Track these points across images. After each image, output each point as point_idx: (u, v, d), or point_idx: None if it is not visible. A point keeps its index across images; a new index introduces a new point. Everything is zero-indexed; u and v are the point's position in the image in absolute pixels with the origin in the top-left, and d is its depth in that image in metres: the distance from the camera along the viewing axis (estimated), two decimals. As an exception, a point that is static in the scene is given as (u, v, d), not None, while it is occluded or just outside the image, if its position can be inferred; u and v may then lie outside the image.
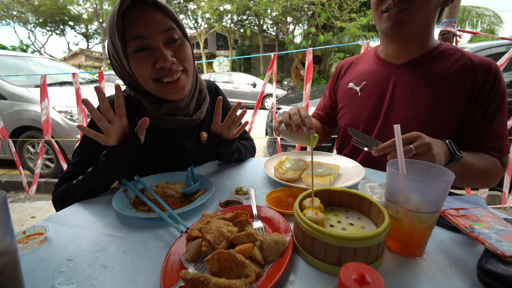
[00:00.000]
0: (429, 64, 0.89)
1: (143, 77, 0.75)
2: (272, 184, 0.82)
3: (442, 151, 0.70)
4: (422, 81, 0.88)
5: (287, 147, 3.05)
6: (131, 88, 0.82)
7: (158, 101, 0.82)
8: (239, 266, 0.42)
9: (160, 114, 0.83)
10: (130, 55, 0.73)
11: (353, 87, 1.05)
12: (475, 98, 0.83)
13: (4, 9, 17.97)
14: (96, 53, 21.07)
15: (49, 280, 0.46)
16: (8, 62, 3.84)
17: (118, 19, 0.68)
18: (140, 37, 0.71)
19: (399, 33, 0.87)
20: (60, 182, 0.82)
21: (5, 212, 0.40)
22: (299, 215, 0.49)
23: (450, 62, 0.87)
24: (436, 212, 0.47)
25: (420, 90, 0.88)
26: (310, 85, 2.24)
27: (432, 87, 0.87)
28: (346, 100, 1.08)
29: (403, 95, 0.91)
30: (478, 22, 10.82)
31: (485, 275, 0.42)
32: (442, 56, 0.89)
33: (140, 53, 0.72)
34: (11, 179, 3.31)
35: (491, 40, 2.97)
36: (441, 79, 0.86)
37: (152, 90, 0.79)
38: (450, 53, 0.89)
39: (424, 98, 0.87)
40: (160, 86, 0.77)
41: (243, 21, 15.50)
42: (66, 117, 3.10)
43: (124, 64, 0.75)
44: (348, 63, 1.14)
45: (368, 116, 0.99)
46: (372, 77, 1.00)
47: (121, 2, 0.68)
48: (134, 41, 0.71)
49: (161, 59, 0.72)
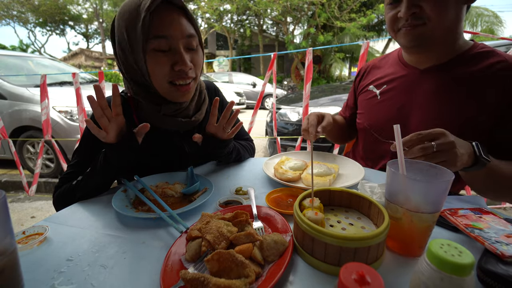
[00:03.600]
0: (459, 68, 0.83)
1: (159, 76, 0.76)
2: (272, 184, 0.82)
3: (466, 153, 0.64)
4: (449, 86, 0.83)
5: (287, 147, 3.05)
6: (136, 85, 0.80)
7: (159, 102, 0.82)
8: (239, 266, 0.42)
9: (160, 115, 0.83)
10: (149, 53, 0.73)
11: (373, 89, 1.01)
12: (507, 106, 0.76)
13: (4, 9, 17.97)
14: (96, 53, 21.06)
15: (48, 280, 0.46)
16: (8, 62, 3.84)
17: (146, 15, 0.68)
18: (164, 37, 0.72)
19: (421, 46, 0.83)
20: (60, 183, 0.82)
21: (5, 212, 0.40)
22: (299, 215, 0.49)
23: (484, 64, 0.80)
24: (436, 212, 0.47)
25: (445, 96, 0.83)
26: (310, 85, 2.24)
27: (460, 92, 0.81)
28: (364, 103, 1.04)
29: (427, 102, 0.86)
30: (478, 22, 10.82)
31: (485, 275, 0.42)
32: (475, 58, 0.82)
33: (161, 53, 0.73)
34: (11, 179, 3.31)
35: (491, 40, 2.97)
36: (472, 84, 0.80)
37: (162, 90, 0.79)
38: (484, 55, 0.82)
39: (449, 104, 0.82)
40: (173, 87, 0.78)
41: (243, 21, 15.50)
42: (66, 117, 3.10)
43: (138, 60, 0.74)
44: (371, 65, 1.10)
45: (387, 121, 0.93)
46: (394, 80, 0.95)
47: (151, 1, 0.68)
48: (156, 40, 0.71)
49: (181, 62, 0.74)
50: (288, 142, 3.04)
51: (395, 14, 0.81)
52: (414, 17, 0.78)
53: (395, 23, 0.83)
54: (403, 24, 0.81)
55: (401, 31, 0.83)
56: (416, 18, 0.78)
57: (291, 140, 2.99)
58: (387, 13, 0.86)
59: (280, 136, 2.72)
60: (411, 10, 0.77)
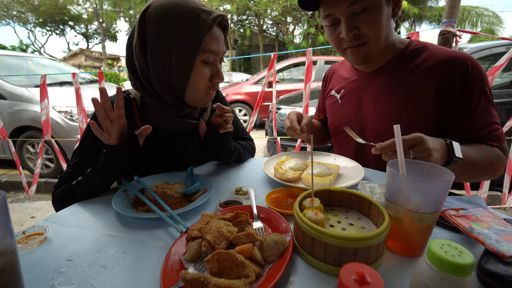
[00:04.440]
0: (397, 68, 0.92)
1: (200, 86, 0.80)
2: (272, 184, 0.82)
3: (440, 155, 0.70)
4: (391, 86, 0.91)
5: (287, 147, 3.05)
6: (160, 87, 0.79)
7: (180, 105, 0.84)
8: (239, 266, 0.42)
9: (168, 116, 0.84)
10: (197, 64, 0.76)
11: (334, 94, 1.11)
12: (447, 95, 0.83)
13: (4, 9, 17.97)
14: (96, 53, 21.06)
15: (48, 280, 0.46)
16: (8, 62, 3.84)
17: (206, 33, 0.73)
18: (213, 52, 0.77)
19: (366, 63, 0.93)
20: (60, 183, 0.82)
21: (5, 212, 0.40)
22: (299, 215, 0.49)
23: (417, 62, 0.89)
24: (436, 212, 0.47)
25: (390, 95, 0.91)
26: (310, 85, 2.25)
27: (401, 88, 0.89)
28: (329, 107, 1.14)
29: (375, 101, 0.95)
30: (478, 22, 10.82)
31: (485, 275, 0.42)
32: (410, 56, 0.91)
33: (206, 65, 0.78)
34: (11, 179, 3.31)
35: (491, 40, 2.97)
36: (408, 81, 0.88)
37: (196, 97, 0.83)
38: (418, 52, 0.90)
39: (395, 102, 0.90)
40: (206, 95, 0.84)
41: (243, 21, 15.50)
42: (66, 117, 3.10)
43: (185, 66, 0.75)
44: (332, 71, 1.20)
45: (348, 122, 1.02)
46: (349, 84, 1.05)
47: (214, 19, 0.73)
48: (207, 53, 0.76)
49: (219, 76, 0.82)
50: (288, 142, 3.04)
51: (338, 35, 0.87)
52: (355, 37, 0.84)
53: (340, 43, 0.89)
54: (347, 44, 0.87)
55: (347, 51, 0.89)
56: (357, 38, 0.85)
57: (291, 140, 2.99)
58: (329, 35, 0.91)
59: (280, 136, 2.72)
60: (351, 31, 0.83)
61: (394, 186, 0.50)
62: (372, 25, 0.82)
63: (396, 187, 0.49)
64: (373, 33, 0.83)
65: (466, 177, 0.86)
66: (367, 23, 0.82)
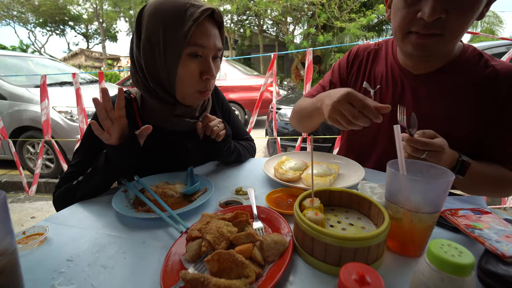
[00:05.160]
0: (450, 75, 0.81)
1: (187, 82, 0.79)
2: (272, 185, 0.82)
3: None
4: (440, 94, 0.81)
5: (287, 147, 3.05)
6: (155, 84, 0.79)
7: (174, 103, 0.83)
8: (239, 267, 0.42)
9: (167, 116, 0.84)
10: (183, 57, 0.75)
11: (367, 87, 0.94)
12: (498, 112, 0.76)
13: (4, 9, 17.97)
14: (96, 53, 21.05)
15: (48, 280, 0.46)
16: (8, 62, 3.84)
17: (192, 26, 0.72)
18: (201, 46, 0.75)
19: (425, 57, 0.77)
20: (61, 183, 0.82)
21: (5, 213, 0.40)
22: (299, 216, 0.49)
23: (473, 72, 0.79)
24: (436, 212, 0.47)
25: (437, 103, 0.82)
26: (310, 85, 2.24)
27: (450, 99, 0.80)
28: None
29: (419, 107, 0.84)
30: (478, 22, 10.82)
31: (485, 275, 0.42)
32: (465, 65, 0.80)
33: (193, 59, 0.77)
34: (11, 179, 3.31)
35: (491, 40, 2.97)
36: (461, 91, 0.79)
37: (184, 94, 0.81)
38: (474, 61, 0.80)
39: (440, 111, 0.81)
40: (197, 93, 0.82)
41: (243, 21, 15.49)
42: (66, 117, 3.10)
43: (171, 61, 0.75)
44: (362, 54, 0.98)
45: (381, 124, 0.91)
46: (388, 82, 0.90)
47: (202, 12, 0.72)
48: (193, 46, 0.75)
49: (209, 72, 0.79)
50: (288, 142, 3.04)
51: (414, 12, 0.68)
52: (435, 24, 0.67)
53: (410, 23, 0.70)
54: (419, 29, 0.69)
55: (411, 38, 0.72)
56: (436, 25, 0.67)
57: (291, 140, 2.99)
58: (401, 7, 0.71)
59: (280, 136, 2.72)
60: (437, 14, 0.65)
61: (394, 186, 0.50)
62: (462, 17, 0.67)
63: (396, 187, 0.49)
64: (457, 27, 0.68)
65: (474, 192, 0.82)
66: (460, 11, 0.66)
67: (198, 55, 0.77)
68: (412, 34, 0.72)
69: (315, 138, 2.90)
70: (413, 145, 0.66)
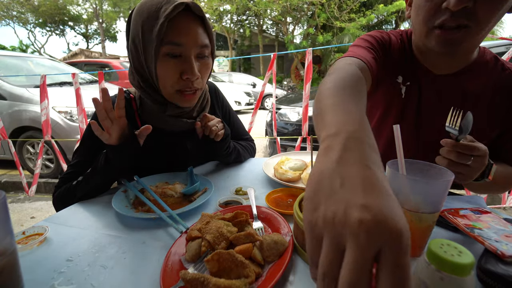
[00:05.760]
0: (469, 78, 0.78)
1: (168, 83, 0.76)
2: (272, 184, 0.82)
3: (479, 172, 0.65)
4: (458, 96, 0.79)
5: (287, 147, 3.05)
6: (145, 83, 0.80)
7: (165, 103, 0.82)
8: (239, 267, 0.42)
9: (165, 116, 0.84)
10: (160, 57, 0.73)
11: (401, 83, 0.85)
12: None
13: (4, 9, 17.96)
14: (96, 53, 21.05)
15: (48, 280, 0.46)
16: (8, 62, 3.83)
17: (165, 22, 0.68)
18: (178, 44, 0.72)
19: (450, 54, 0.74)
20: (60, 183, 0.82)
21: (5, 213, 0.40)
22: (299, 215, 0.49)
23: (490, 74, 0.78)
24: (436, 212, 0.47)
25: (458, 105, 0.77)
26: (310, 85, 2.24)
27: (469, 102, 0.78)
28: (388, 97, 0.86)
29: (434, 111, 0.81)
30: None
31: (485, 275, 0.42)
32: (484, 68, 0.78)
33: (171, 59, 0.73)
34: (11, 180, 3.31)
35: (491, 40, 2.97)
36: (479, 94, 0.78)
37: (168, 95, 0.80)
38: (491, 63, 0.79)
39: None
40: (178, 94, 0.79)
41: (242, 21, 15.49)
42: (66, 117, 3.09)
43: (149, 61, 0.74)
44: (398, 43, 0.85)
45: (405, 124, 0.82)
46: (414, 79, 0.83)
47: (174, 7, 0.68)
48: (169, 45, 0.71)
49: (190, 71, 0.74)
50: (288, 142, 3.04)
51: (438, 4, 0.64)
52: (461, 14, 0.62)
53: (435, 15, 0.66)
54: (445, 19, 0.64)
55: (436, 32, 0.68)
56: (463, 16, 0.62)
57: (291, 140, 2.99)
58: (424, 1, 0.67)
59: (280, 136, 2.72)
60: (464, 1, 0.60)
61: (394, 186, 0.50)
62: (491, 6, 0.62)
63: (396, 187, 0.49)
64: (485, 17, 0.63)
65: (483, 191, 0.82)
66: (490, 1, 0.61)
67: (176, 55, 0.73)
68: (437, 29, 0.68)
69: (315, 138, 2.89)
70: (460, 150, 0.61)
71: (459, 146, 0.61)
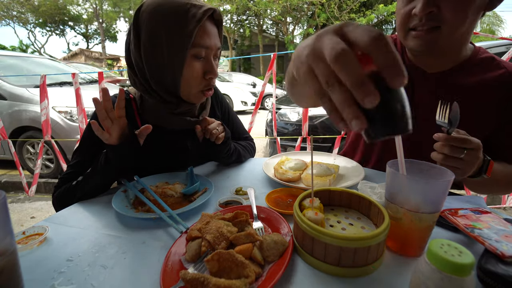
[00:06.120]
0: (463, 76, 0.81)
1: (192, 82, 0.79)
2: (272, 184, 0.82)
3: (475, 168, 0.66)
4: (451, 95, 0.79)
5: (287, 147, 3.05)
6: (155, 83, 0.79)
7: (177, 102, 0.83)
8: (239, 266, 0.42)
9: (167, 115, 0.84)
10: (188, 58, 0.75)
11: None
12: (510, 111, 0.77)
13: (4, 9, 17.96)
14: (96, 53, 21.06)
15: (48, 280, 0.46)
16: (8, 62, 3.84)
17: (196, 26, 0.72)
18: (205, 47, 0.76)
19: (430, 53, 0.78)
20: (60, 183, 0.82)
21: (5, 213, 0.40)
22: (299, 215, 0.49)
23: (486, 74, 0.79)
24: (436, 212, 0.47)
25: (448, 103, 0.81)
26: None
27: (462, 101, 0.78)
28: None
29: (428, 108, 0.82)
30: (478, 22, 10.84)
31: (485, 275, 0.42)
32: (478, 66, 0.80)
33: (197, 60, 0.77)
34: (11, 180, 3.31)
35: (491, 40, 2.97)
36: (474, 92, 0.79)
37: (189, 93, 0.82)
38: (486, 62, 0.81)
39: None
40: (200, 93, 0.83)
41: (242, 21, 15.50)
42: (66, 117, 3.09)
43: (176, 62, 0.75)
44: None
45: None
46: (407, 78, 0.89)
47: (204, 12, 0.72)
48: (198, 48, 0.75)
49: (212, 71, 0.80)
50: (288, 142, 3.04)
51: (410, 10, 0.72)
52: (429, 17, 0.69)
53: (408, 21, 0.74)
54: (416, 24, 0.72)
55: (411, 34, 0.75)
56: (432, 18, 0.69)
57: (291, 140, 2.99)
58: (400, 7, 0.76)
59: (280, 136, 2.72)
60: (428, 8, 0.68)
61: (394, 186, 0.50)
62: (458, 7, 0.68)
63: (396, 187, 0.49)
64: (453, 19, 0.68)
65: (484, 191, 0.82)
66: (452, 3, 0.67)
67: (202, 57, 0.77)
68: (410, 32, 0.75)
69: (315, 138, 2.90)
70: (452, 143, 0.63)
71: (451, 140, 0.63)
